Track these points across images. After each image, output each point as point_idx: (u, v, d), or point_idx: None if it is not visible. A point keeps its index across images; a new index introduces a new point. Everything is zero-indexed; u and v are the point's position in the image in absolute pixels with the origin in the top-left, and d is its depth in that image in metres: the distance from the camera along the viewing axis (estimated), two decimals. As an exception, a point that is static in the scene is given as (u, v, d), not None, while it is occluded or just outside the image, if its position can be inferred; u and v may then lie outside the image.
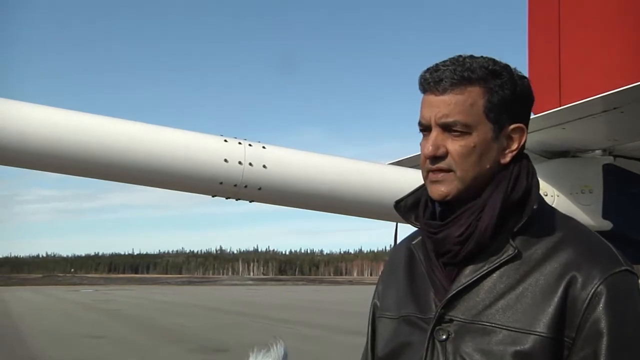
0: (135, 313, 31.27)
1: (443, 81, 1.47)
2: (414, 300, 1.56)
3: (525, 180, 1.50)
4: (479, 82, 1.47)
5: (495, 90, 1.48)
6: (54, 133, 2.81)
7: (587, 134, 4.26)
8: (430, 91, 1.49)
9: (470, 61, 1.49)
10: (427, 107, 1.50)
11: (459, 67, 1.47)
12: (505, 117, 1.50)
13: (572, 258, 1.43)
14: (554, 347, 1.38)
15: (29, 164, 2.93)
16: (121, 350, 16.12)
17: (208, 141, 3.20)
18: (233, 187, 3.21)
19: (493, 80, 1.48)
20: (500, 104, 1.48)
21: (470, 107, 1.47)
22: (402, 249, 1.72)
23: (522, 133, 1.53)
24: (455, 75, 1.47)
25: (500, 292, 1.44)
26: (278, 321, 24.69)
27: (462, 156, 1.47)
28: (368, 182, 3.74)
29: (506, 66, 1.52)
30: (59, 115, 2.92)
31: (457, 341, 1.44)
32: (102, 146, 2.93)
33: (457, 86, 1.47)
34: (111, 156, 2.95)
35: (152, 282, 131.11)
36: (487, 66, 1.49)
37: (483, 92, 1.48)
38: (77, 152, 2.86)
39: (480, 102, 1.47)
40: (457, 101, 1.46)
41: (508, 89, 1.49)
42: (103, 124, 2.99)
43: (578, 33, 4.91)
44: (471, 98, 1.47)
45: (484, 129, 1.48)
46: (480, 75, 1.47)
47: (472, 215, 1.47)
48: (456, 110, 1.46)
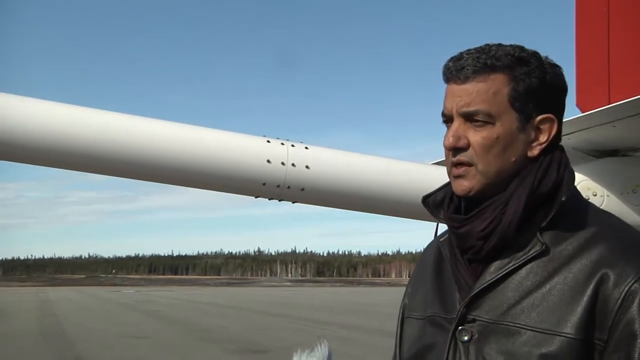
0: (175, 314, 31.64)
1: (465, 69, 1.40)
2: (439, 300, 1.50)
3: (555, 172, 1.42)
4: (503, 70, 1.40)
5: (521, 78, 1.40)
6: (102, 135, 2.84)
7: (638, 132, 4.14)
8: (453, 80, 1.43)
9: (496, 49, 1.42)
10: (449, 97, 1.44)
11: (482, 55, 1.41)
12: (532, 107, 1.41)
13: (604, 255, 1.33)
14: (583, 349, 1.29)
15: (77, 166, 2.96)
16: (162, 351, 16.31)
17: (251, 142, 3.19)
18: (276, 187, 3.20)
19: (519, 67, 1.41)
20: (526, 92, 1.40)
21: (494, 96, 1.39)
22: (432, 247, 1.66)
23: (552, 124, 1.44)
24: (478, 63, 1.40)
25: (526, 290, 1.36)
26: (316, 322, 24.71)
27: (484, 148, 1.40)
28: (411, 182, 3.69)
29: (534, 53, 1.44)
30: (107, 117, 2.94)
31: (480, 343, 1.37)
32: (147, 147, 2.95)
33: (479, 74, 1.40)
34: (156, 157, 2.97)
35: (191, 283, 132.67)
36: (514, 53, 1.41)
37: (508, 79, 1.40)
38: (123, 153, 2.88)
39: (504, 91, 1.40)
40: (480, 89, 1.40)
41: (536, 76, 1.41)
42: (150, 126, 3.00)
43: (627, 28, 4.78)
44: (495, 86, 1.40)
45: (509, 119, 1.40)
46: (505, 62, 1.40)
47: (496, 209, 1.39)
48: (478, 99, 1.39)
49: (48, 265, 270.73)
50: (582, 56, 4.99)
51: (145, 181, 3.35)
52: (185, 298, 53.19)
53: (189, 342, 18.35)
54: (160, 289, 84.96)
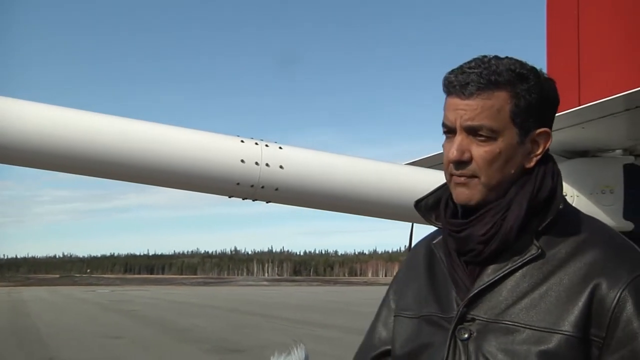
0: (151, 313, 31.42)
1: (470, 85, 1.44)
2: (435, 300, 1.55)
3: (550, 181, 1.49)
4: (505, 87, 1.44)
5: (522, 94, 1.45)
6: (72, 134, 2.82)
7: (607, 134, 4.21)
8: (456, 94, 1.46)
9: (496, 63, 1.46)
10: (452, 110, 1.47)
11: (485, 71, 1.44)
12: (532, 122, 1.47)
13: (597, 258, 1.41)
14: (581, 346, 1.36)
15: (49, 165, 2.94)
16: (138, 350, 16.21)
17: (225, 142, 3.19)
18: (250, 187, 3.20)
19: (520, 84, 1.45)
20: (527, 108, 1.46)
21: (497, 112, 1.44)
22: (421, 248, 1.70)
23: (548, 137, 1.51)
24: (482, 79, 1.44)
25: (523, 291, 1.43)
26: (293, 322, 24.71)
27: (487, 162, 1.45)
28: (385, 182, 3.71)
29: (533, 69, 1.49)
30: (78, 116, 2.92)
31: (479, 340, 1.42)
32: (119, 147, 2.93)
33: (484, 90, 1.44)
34: (128, 157, 2.95)
35: (167, 282, 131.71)
36: (514, 69, 1.45)
37: (510, 96, 1.45)
38: (95, 153, 2.87)
39: (507, 107, 1.44)
40: (484, 106, 1.44)
41: (535, 93, 1.46)
42: (121, 125, 2.99)
43: (597, 30, 4.86)
44: (498, 103, 1.44)
45: (510, 134, 1.45)
46: (508, 79, 1.44)
47: (497, 214, 1.45)
48: (483, 115, 1.44)
49: (21, 265, 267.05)
50: (552, 58, 5.06)
51: (119, 181, 3.33)
52: (161, 297, 52.83)
53: (165, 342, 18.25)
54: (136, 289, 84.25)
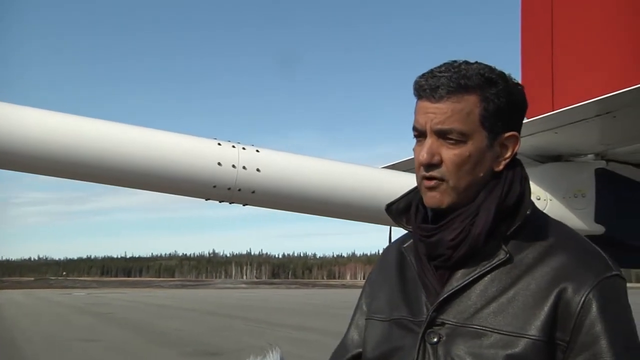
0: (128, 316, 31.14)
1: (440, 88, 1.46)
2: (405, 304, 1.56)
3: (519, 186, 1.51)
4: (475, 90, 1.46)
5: (491, 98, 1.47)
6: (45, 136, 2.80)
7: (579, 138, 4.27)
8: (426, 98, 1.48)
9: (466, 68, 1.48)
10: (423, 114, 1.49)
11: (455, 75, 1.46)
12: (500, 126, 1.49)
13: (564, 263, 1.44)
14: (546, 350, 1.38)
15: (20, 167, 2.92)
16: (114, 354, 16.06)
17: (201, 144, 3.19)
18: (227, 190, 3.20)
19: (489, 88, 1.47)
20: (496, 112, 1.48)
21: (467, 116, 1.46)
22: (392, 252, 1.72)
23: (516, 141, 1.53)
24: (452, 83, 1.45)
25: (491, 295, 1.44)
26: (271, 324, 24.66)
27: (456, 165, 1.47)
28: (362, 185, 3.74)
29: (502, 74, 1.51)
30: (50, 118, 2.90)
31: (448, 344, 1.44)
32: (94, 149, 2.92)
33: (454, 94, 1.46)
34: (103, 159, 2.94)
35: (144, 285, 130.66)
36: (483, 74, 1.48)
37: (479, 100, 1.47)
38: (68, 155, 2.85)
39: (476, 111, 1.46)
40: (454, 109, 1.46)
41: (504, 97, 1.48)
42: (94, 127, 2.97)
43: (571, 37, 4.93)
44: (468, 106, 1.46)
45: (479, 138, 1.47)
46: (477, 83, 1.46)
47: (465, 220, 1.47)
48: (453, 118, 1.45)
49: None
50: (527, 62, 5.12)
51: (96, 183, 3.32)
52: (138, 300, 52.39)
53: (142, 345, 18.10)
54: (113, 291, 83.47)
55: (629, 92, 3.38)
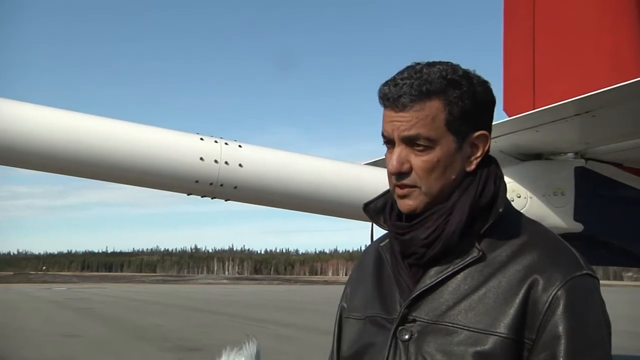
0: (109, 311, 30.92)
1: (402, 97, 1.46)
2: (380, 301, 1.57)
3: (493, 185, 1.52)
4: (438, 95, 1.46)
5: (455, 101, 1.47)
6: (27, 129, 2.78)
7: (559, 137, 4.33)
8: (390, 107, 1.48)
9: (427, 71, 1.47)
10: (389, 122, 1.49)
11: (416, 81, 1.46)
12: (467, 127, 1.49)
13: (534, 261, 1.45)
14: (514, 348, 1.40)
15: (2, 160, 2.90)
16: (94, 349, 15.95)
17: (184, 139, 3.19)
18: (209, 185, 3.20)
19: (452, 91, 1.47)
20: (461, 114, 1.47)
21: (432, 121, 1.46)
22: (371, 251, 1.74)
23: (486, 139, 1.53)
24: (414, 91, 1.45)
25: (463, 293, 1.46)
26: (252, 320, 24.61)
27: (426, 171, 1.47)
28: (344, 182, 3.75)
29: (465, 73, 1.50)
30: (32, 111, 2.88)
31: (419, 341, 1.45)
32: (75, 143, 2.90)
33: (416, 102, 1.45)
34: (84, 153, 2.93)
35: (126, 280, 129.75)
36: (446, 76, 1.47)
37: (443, 105, 1.46)
38: (49, 148, 2.83)
39: (441, 116, 1.46)
40: (419, 116, 1.46)
41: (468, 98, 1.48)
42: (77, 121, 2.96)
43: (552, 38, 4.98)
44: (432, 112, 1.46)
45: (447, 142, 1.48)
46: (439, 87, 1.46)
47: (439, 218, 1.48)
48: (418, 125, 1.46)
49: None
50: (509, 63, 5.18)
51: (77, 177, 3.30)
52: (119, 295, 52.02)
53: (122, 341, 17.99)
54: (93, 286, 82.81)
55: (608, 92, 3.43)
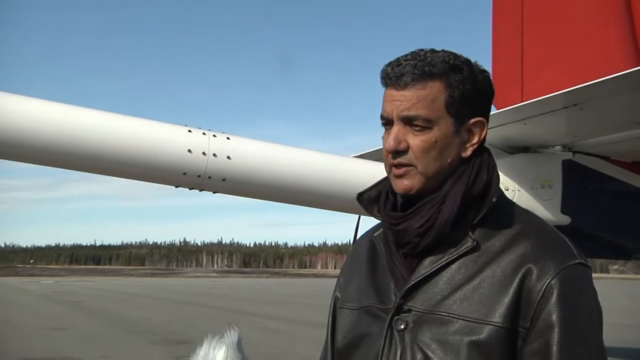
0: (97, 304, 30.82)
1: (404, 76, 1.47)
2: (375, 291, 1.58)
3: (486, 174, 1.53)
4: (440, 77, 1.48)
5: (456, 85, 1.49)
6: (11, 121, 2.75)
7: (547, 130, 4.35)
8: (392, 86, 1.50)
9: (431, 55, 1.50)
10: (389, 102, 1.51)
11: (420, 62, 1.48)
12: (466, 112, 1.51)
13: (528, 251, 1.45)
14: (509, 337, 1.41)
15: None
16: (83, 342, 15.90)
17: (172, 131, 3.17)
18: (197, 177, 3.19)
19: (454, 75, 1.49)
20: (461, 98, 1.49)
21: (432, 102, 1.47)
22: (364, 241, 1.74)
23: (483, 127, 1.55)
24: (417, 70, 1.47)
25: (458, 283, 1.46)
26: (241, 313, 24.61)
27: (423, 151, 1.48)
28: (333, 174, 3.75)
29: (467, 61, 1.53)
30: (17, 103, 2.85)
31: (415, 331, 1.46)
32: (66, 135, 2.88)
33: (418, 81, 1.47)
34: (72, 145, 2.91)
35: (114, 273, 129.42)
36: (448, 61, 1.49)
37: (444, 87, 1.48)
38: (37, 140, 2.81)
39: (441, 97, 1.48)
40: (419, 96, 1.47)
41: (469, 83, 1.50)
42: (63, 112, 2.94)
43: (540, 31, 5.00)
44: (432, 93, 1.48)
45: (445, 124, 1.49)
46: (442, 70, 1.48)
47: (432, 208, 1.49)
48: (418, 105, 1.47)
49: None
50: (497, 56, 5.19)
51: (64, 169, 3.28)
52: (107, 288, 51.86)
53: (110, 334, 17.94)
54: (82, 279, 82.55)
55: (595, 85, 3.44)
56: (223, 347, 1.83)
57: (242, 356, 1.83)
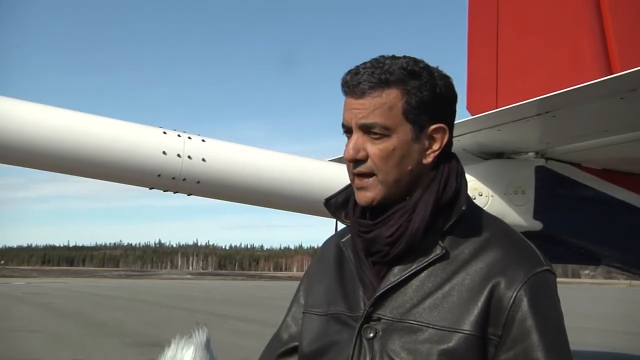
0: (69, 306, 30.47)
1: (362, 84, 1.47)
2: (343, 298, 1.57)
3: (455, 181, 1.53)
4: (396, 84, 1.47)
5: (413, 92, 1.48)
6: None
7: (521, 137, 4.40)
8: (350, 94, 1.50)
9: (389, 62, 1.49)
10: (348, 110, 1.51)
11: (377, 70, 1.48)
12: (425, 118, 1.50)
13: (497, 258, 1.46)
14: (479, 344, 1.41)
15: None
16: (54, 345, 15.70)
17: (146, 133, 3.15)
18: (171, 179, 3.18)
19: (411, 81, 1.48)
20: (418, 105, 1.48)
21: (389, 110, 1.47)
22: (331, 245, 1.72)
23: (444, 133, 1.53)
24: (373, 78, 1.47)
25: (427, 291, 1.46)
26: (216, 315, 24.51)
27: (382, 159, 1.48)
28: (307, 178, 3.75)
29: (426, 66, 1.52)
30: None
31: (384, 339, 1.46)
32: (37, 135, 2.85)
33: (375, 89, 1.47)
34: (45, 145, 2.88)
35: (88, 275, 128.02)
36: (406, 67, 1.49)
37: (401, 94, 1.48)
38: (7, 140, 2.78)
39: (398, 104, 1.47)
40: (376, 104, 1.47)
41: (427, 89, 1.49)
42: (35, 112, 2.91)
43: (515, 39, 5.06)
44: (389, 100, 1.47)
45: (404, 131, 1.48)
46: (399, 77, 1.47)
47: (403, 216, 1.48)
48: (375, 112, 1.47)
49: None
50: (473, 62, 5.24)
51: (36, 169, 3.25)
52: (80, 290, 51.28)
53: (82, 336, 17.75)
54: (54, 281, 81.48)
55: (568, 92, 3.49)
56: (191, 347, 1.82)
57: (210, 356, 1.83)
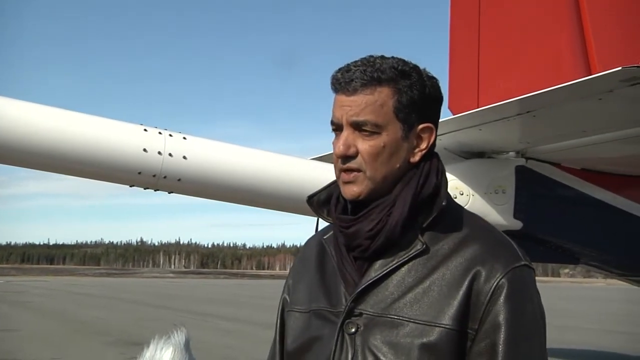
0: (49, 305, 30.20)
1: (353, 81, 1.50)
2: (325, 294, 1.59)
3: (435, 178, 1.56)
4: (388, 83, 1.51)
5: (404, 90, 1.52)
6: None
7: (501, 136, 4.44)
8: (342, 91, 1.52)
9: (380, 62, 1.52)
10: (339, 107, 1.53)
11: (369, 68, 1.51)
12: (415, 117, 1.54)
13: (477, 253, 1.49)
14: (459, 339, 1.43)
15: None
16: (34, 344, 15.56)
17: (127, 130, 3.13)
18: (152, 177, 3.16)
19: (402, 80, 1.52)
20: (409, 104, 1.52)
21: (380, 107, 1.50)
22: (313, 243, 1.75)
23: (431, 132, 1.58)
24: (365, 76, 1.50)
25: (408, 285, 1.48)
26: (198, 314, 24.42)
27: (372, 156, 1.51)
28: (289, 176, 3.75)
29: (415, 67, 1.56)
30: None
31: (365, 334, 1.48)
32: (17, 131, 2.83)
33: (367, 87, 1.50)
34: (24, 142, 2.85)
35: (68, 273, 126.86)
36: (397, 67, 1.52)
37: (392, 92, 1.51)
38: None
39: (389, 103, 1.51)
40: (368, 101, 1.50)
41: (417, 89, 1.53)
42: (14, 108, 2.88)
43: (496, 39, 5.10)
44: (381, 98, 1.50)
45: (394, 129, 1.52)
46: (390, 75, 1.51)
47: (382, 211, 1.51)
48: (367, 110, 1.50)
49: None
50: (454, 62, 5.27)
51: (16, 166, 3.22)
52: (60, 288, 50.83)
53: (62, 335, 17.60)
54: (34, 279, 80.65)
55: (548, 93, 3.52)
56: (170, 347, 1.82)
57: (189, 357, 1.83)
